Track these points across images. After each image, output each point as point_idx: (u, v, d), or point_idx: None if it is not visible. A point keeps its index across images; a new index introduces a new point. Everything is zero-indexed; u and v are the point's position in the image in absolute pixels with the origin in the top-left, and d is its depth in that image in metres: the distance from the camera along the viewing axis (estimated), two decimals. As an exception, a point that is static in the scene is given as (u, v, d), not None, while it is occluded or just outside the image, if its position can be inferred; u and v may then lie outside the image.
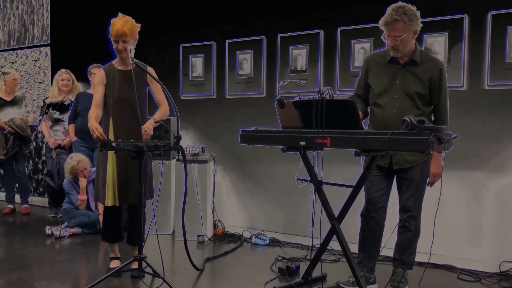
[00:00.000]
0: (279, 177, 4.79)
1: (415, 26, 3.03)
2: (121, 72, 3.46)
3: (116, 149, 3.10)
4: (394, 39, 3.02)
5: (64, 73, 5.81)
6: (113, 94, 3.44)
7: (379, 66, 3.24)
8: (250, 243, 4.73)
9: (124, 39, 3.33)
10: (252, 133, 3.04)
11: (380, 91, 3.20)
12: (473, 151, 3.87)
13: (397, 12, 2.98)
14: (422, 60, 3.12)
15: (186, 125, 5.35)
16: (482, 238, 3.89)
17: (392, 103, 3.15)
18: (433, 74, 3.08)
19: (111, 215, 3.60)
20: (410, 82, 3.11)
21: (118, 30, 3.30)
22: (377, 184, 3.22)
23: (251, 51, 4.97)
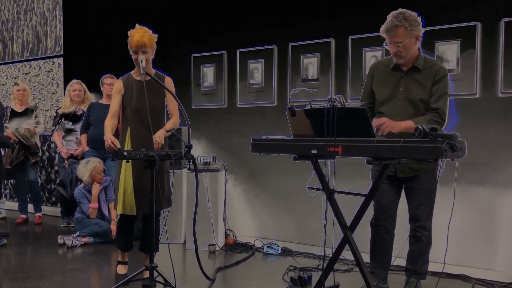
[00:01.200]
0: (291, 186, 4.76)
1: (416, 32, 3.02)
2: (139, 82, 3.46)
3: (127, 158, 3.11)
4: (396, 45, 3.01)
5: (75, 84, 5.86)
6: (131, 104, 3.47)
7: (383, 74, 3.23)
8: (261, 252, 4.70)
9: (143, 50, 3.38)
10: (263, 141, 3.02)
11: (384, 99, 3.19)
12: (487, 160, 3.82)
13: (398, 18, 2.98)
14: (425, 66, 3.10)
15: (198, 134, 5.36)
16: (497, 247, 3.83)
17: (395, 111, 3.13)
18: (435, 80, 3.05)
19: (125, 223, 3.62)
20: (413, 89, 3.09)
21: (138, 41, 3.34)
22: (385, 192, 3.19)
23: (262, 60, 4.98)
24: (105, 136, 3.28)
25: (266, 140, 3.02)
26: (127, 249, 3.72)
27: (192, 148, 3.20)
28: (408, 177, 3.16)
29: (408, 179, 3.18)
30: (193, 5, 5.46)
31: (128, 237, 3.67)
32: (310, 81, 4.69)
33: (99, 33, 6.34)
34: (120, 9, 6.03)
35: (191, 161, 3.30)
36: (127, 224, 3.63)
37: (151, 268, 3.31)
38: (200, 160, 4.79)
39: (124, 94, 3.49)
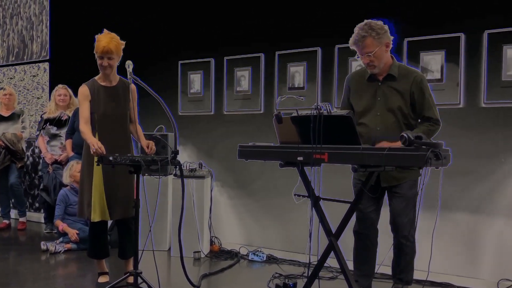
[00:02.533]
0: (277, 193, 4.77)
1: (384, 39, 3.04)
2: (105, 88, 3.48)
3: (113, 164, 3.10)
4: (367, 56, 3.03)
5: (61, 89, 5.82)
6: (98, 110, 3.45)
7: (359, 85, 3.24)
8: (247, 260, 4.69)
9: (109, 56, 3.38)
10: (250, 148, 3.04)
11: (363, 110, 3.20)
12: (470, 168, 3.87)
13: (363, 29, 3.01)
14: (401, 73, 3.11)
15: (184, 141, 5.35)
16: (480, 256, 3.87)
17: (375, 120, 3.13)
18: (412, 86, 3.07)
19: (98, 231, 3.58)
20: (391, 97, 3.10)
21: (104, 47, 3.34)
22: (367, 200, 3.19)
23: (250, 68, 5.00)
24: (90, 141, 3.25)
25: (253, 147, 3.03)
26: (102, 256, 3.69)
27: (178, 154, 3.19)
28: (390, 186, 3.17)
29: (390, 188, 3.18)
30: (181, 12, 5.47)
31: (101, 244, 3.63)
32: (297, 89, 4.72)
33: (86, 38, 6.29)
34: (108, 15, 6.02)
35: (177, 167, 3.29)
36: (101, 231, 3.60)
37: (135, 274, 3.28)
38: (186, 167, 4.78)
39: (91, 99, 3.45)
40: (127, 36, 3.86)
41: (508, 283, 3.64)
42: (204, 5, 5.32)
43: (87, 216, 3.46)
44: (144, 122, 4.20)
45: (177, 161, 3.21)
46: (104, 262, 3.75)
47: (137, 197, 3.27)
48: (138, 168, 3.20)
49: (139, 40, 5.59)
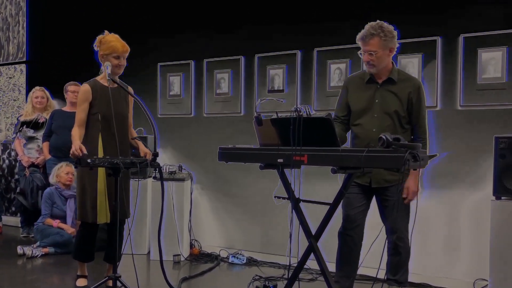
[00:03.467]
0: (258, 195, 4.78)
1: (391, 44, 3.09)
2: (108, 88, 3.41)
3: (91, 166, 3.06)
4: (369, 54, 3.07)
5: (38, 91, 5.74)
6: (101, 110, 3.41)
7: (358, 87, 3.28)
8: (227, 262, 4.68)
9: (125, 56, 3.44)
10: (230, 150, 3.03)
11: (360, 110, 3.24)
12: (447, 170, 3.93)
13: (374, 28, 3.06)
14: (400, 78, 3.17)
15: (164, 143, 5.33)
16: (456, 256, 3.93)
17: (371, 122, 3.18)
18: (411, 92, 3.13)
19: (91, 234, 3.55)
20: (389, 101, 3.16)
21: (123, 46, 3.42)
22: (355, 201, 3.23)
23: (229, 70, 5.00)
24: (74, 144, 3.20)
25: (233, 149, 3.03)
26: (88, 260, 3.65)
27: (158, 156, 3.18)
28: (381, 188, 3.20)
29: (381, 191, 3.21)
30: (160, 13, 5.45)
31: (91, 247, 3.60)
32: (277, 91, 4.73)
33: (64, 40, 6.24)
34: (86, 16, 5.96)
35: (157, 169, 3.27)
36: (92, 233, 3.56)
37: (114, 279, 3.25)
38: (166, 169, 4.75)
39: (92, 100, 3.42)
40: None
41: (483, 282, 3.70)
42: (184, 8, 5.31)
43: (92, 219, 3.41)
44: (123, 124, 4.16)
45: (156, 163, 3.20)
46: (85, 265, 3.71)
47: (116, 201, 3.24)
48: (116, 170, 3.17)
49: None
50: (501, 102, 3.77)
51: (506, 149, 3.31)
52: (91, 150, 3.32)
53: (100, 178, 3.40)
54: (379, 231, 3.22)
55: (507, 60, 3.75)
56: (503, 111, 3.77)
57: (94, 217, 3.40)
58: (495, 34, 3.79)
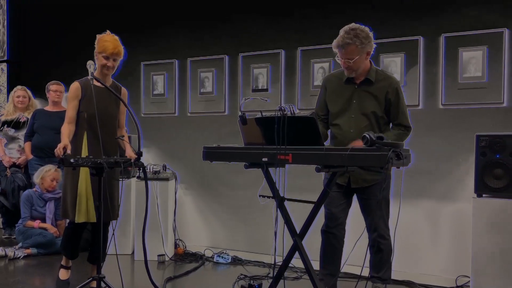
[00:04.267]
0: (242, 195, 4.78)
1: (367, 48, 3.07)
2: (98, 87, 3.43)
3: (74, 166, 3.04)
4: (347, 61, 3.07)
5: (19, 90, 5.67)
6: (89, 109, 3.40)
7: (336, 86, 3.28)
8: (212, 262, 4.68)
9: (115, 58, 3.42)
10: (215, 150, 3.03)
11: (338, 111, 3.25)
12: (430, 168, 3.98)
13: (349, 35, 3.01)
14: (378, 78, 3.17)
15: (147, 143, 5.29)
16: (439, 253, 3.98)
17: (349, 122, 3.19)
18: (388, 92, 3.14)
19: (77, 232, 3.54)
20: (366, 101, 3.17)
21: (114, 48, 3.40)
22: (336, 200, 3.25)
23: (213, 69, 4.99)
24: (61, 142, 3.22)
25: (218, 148, 3.03)
26: (72, 257, 3.65)
27: (142, 156, 3.16)
28: (361, 188, 3.23)
29: (361, 190, 3.24)
30: (143, 12, 5.42)
31: (76, 245, 3.60)
32: (261, 91, 4.74)
33: (46, 39, 6.17)
34: (68, 15, 5.90)
35: (141, 169, 3.26)
36: (78, 232, 3.56)
37: (98, 279, 3.23)
38: (150, 169, 4.73)
39: (82, 98, 3.43)
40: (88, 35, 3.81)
41: (465, 279, 3.75)
42: (167, 6, 5.28)
43: (71, 217, 3.41)
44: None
45: (140, 163, 3.18)
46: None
47: (99, 201, 3.21)
48: (100, 170, 3.14)
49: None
50: (482, 101, 3.82)
51: (487, 147, 3.36)
52: (75, 149, 3.33)
53: (82, 177, 3.39)
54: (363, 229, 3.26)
55: (487, 59, 3.81)
56: (484, 109, 3.83)
57: (73, 215, 3.40)
58: (475, 33, 3.85)
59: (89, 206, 3.39)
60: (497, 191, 3.32)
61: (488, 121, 3.79)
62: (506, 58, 3.75)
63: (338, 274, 3.40)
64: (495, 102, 3.78)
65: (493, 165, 3.33)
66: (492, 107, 3.81)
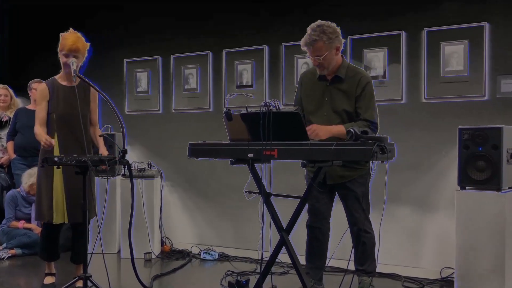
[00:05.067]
0: (228, 191, 4.78)
1: (335, 43, 3.07)
2: (65, 87, 3.43)
3: (58, 164, 3.02)
4: (317, 58, 3.07)
5: (1, 89, 5.58)
6: (56, 110, 3.40)
7: (310, 84, 3.29)
8: (199, 259, 4.67)
9: (75, 55, 3.35)
10: (200, 146, 3.03)
11: (311, 109, 3.26)
12: (413, 162, 4.02)
13: (316, 32, 3.03)
14: (348, 75, 3.16)
15: (132, 140, 5.26)
16: (423, 246, 4.03)
17: (322, 120, 3.18)
18: (357, 88, 3.12)
19: (54, 233, 3.51)
20: (337, 99, 3.16)
21: (72, 45, 3.32)
22: (318, 194, 3.26)
23: (197, 66, 4.98)
24: (40, 137, 3.24)
25: (204, 145, 3.03)
26: (52, 259, 3.63)
27: (127, 153, 3.14)
28: (338, 184, 3.24)
29: (338, 186, 3.26)
30: (126, 8, 5.38)
31: (54, 246, 3.59)
32: (245, 87, 4.74)
33: (27, 36, 6.08)
34: (49, 12, 5.82)
35: (126, 167, 3.24)
36: (54, 232, 3.54)
37: (85, 278, 3.21)
38: (135, 167, 4.70)
39: (50, 99, 3.42)
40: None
41: (450, 270, 3.80)
42: (150, 2, 5.25)
43: (48, 219, 3.39)
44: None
45: (125, 160, 3.16)
46: (52, 263, 3.69)
47: (84, 199, 3.19)
48: (85, 169, 3.12)
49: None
50: (464, 95, 3.87)
51: (469, 140, 3.40)
52: (48, 150, 3.32)
53: (56, 178, 3.38)
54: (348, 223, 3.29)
55: (468, 53, 3.86)
56: (466, 103, 3.88)
57: (50, 217, 3.39)
58: (456, 28, 3.89)
59: (64, 206, 3.39)
60: (480, 183, 3.37)
61: (470, 114, 3.84)
62: (486, 51, 3.80)
63: (324, 267, 3.43)
64: (476, 95, 3.83)
65: (476, 157, 3.38)
66: (474, 101, 3.85)
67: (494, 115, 3.75)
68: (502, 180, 3.31)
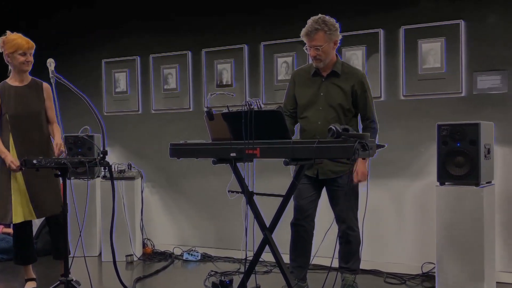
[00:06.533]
0: (210, 191, 4.76)
1: (335, 37, 3.16)
2: (16, 87, 3.45)
3: (37, 167, 2.98)
4: (316, 49, 3.13)
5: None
6: (9, 110, 3.41)
7: (304, 80, 3.34)
8: (181, 260, 4.65)
9: (31, 52, 3.42)
10: (182, 146, 3.00)
11: (306, 103, 3.30)
12: (393, 159, 4.05)
13: (317, 22, 3.12)
14: (344, 71, 3.24)
15: (111, 142, 5.19)
16: (404, 242, 4.07)
17: (317, 115, 3.24)
18: (354, 85, 3.21)
19: (23, 234, 3.50)
20: (333, 94, 3.23)
21: (28, 42, 3.40)
22: (305, 192, 3.29)
23: (177, 65, 4.95)
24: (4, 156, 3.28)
25: (185, 145, 3.00)
26: (28, 262, 3.59)
27: (107, 155, 3.11)
28: (329, 179, 3.27)
29: (329, 182, 3.29)
30: (103, 8, 5.31)
31: (28, 247, 3.56)
32: (225, 86, 4.73)
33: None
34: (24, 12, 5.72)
35: (106, 168, 3.21)
36: (26, 234, 3.53)
37: (66, 282, 3.16)
38: (115, 168, 4.65)
39: (1, 101, 3.43)
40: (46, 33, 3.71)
41: (430, 265, 3.85)
42: (127, 2, 5.19)
43: (9, 220, 3.37)
44: (67, 123, 4.04)
45: (106, 162, 3.13)
46: (31, 268, 3.64)
47: (64, 202, 3.15)
48: (64, 171, 3.08)
49: (60, 38, 5.38)
50: (442, 91, 3.93)
51: (448, 136, 3.45)
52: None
53: (13, 176, 3.36)
54: (332, 221, 3.30)
55: (445, 50, 3.91)
56: (444, 99, 3.93)
57: (10, 218, 3.36)
58: (433, 25, 3.94)
59: (24, 204, 3.38)
60: (459, 179, 3.42)
61: (448, 111, 3.90)
62: (463, 49, 3.86)
63: (308, 266, 3.45)
64: (454, 92, 3.89)
65: (454, 153, 3.42)
66: (451, 97, 3.91)
67: (471, 111, 3.81)
68: (480, 175, 3.36)
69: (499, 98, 3.77)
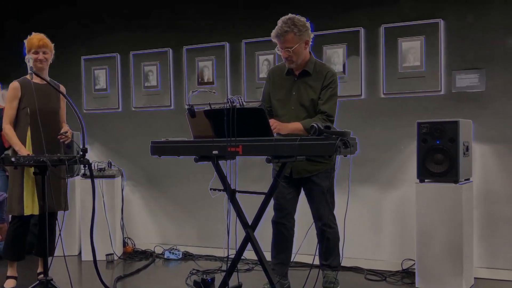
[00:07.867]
0: (192, 189, 4.74)
1: (305, 37, 3.15)
2: (38, 84, 3.47)
3: (15, 165, 2.93)
4: (287, 50, 3.13)
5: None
6: (30, 105, 3.43)
7: (279, 79, 3.34)
8: (162, 258, 4.62)
9: (44, 50, 3.47)
10: (163, 144, 2.98)
11: (279, 103, 3.31)
12: (373, 156, 4.09)
13: (287, 24, 3.10)
14: (316, 70, 3.24)
15: (91, 140, 5.14)
16: (384, 238, 4.12)
17: (289, 114, 3.25)
18: (323, 82, 3.20)
19: (21, 228, 3.47)
20: (304, 93, 3.23)
21: (40, 40, 3.47)
22: (284, 190, 3.29)
23: (157, 63, 4.91)
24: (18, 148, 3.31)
25: (167, 143, 2.98)
26: (18, 258, 3.56)
27: (87, 152, 3.07)
28: (304, 178, 3.28)
29: (304, 180, 3.30)
30: (82, 5, 5.25)
31: (22, 243, 3.54)
32: (207, 84, 4.71)
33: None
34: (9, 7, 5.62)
35: (87, 166, 3.17)
36: (22, 228, 3.49)
37: (46, 282, 3.12)
38: (95, 166, 4.60)
39: (22, 96, 3.45)
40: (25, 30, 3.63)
41: (410, 262, 3.89)
42: (106, -1, 5.15)
43: (18, 212, 3.37)
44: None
45: (86, 160, 3.09)
46: (15, 266, 3.60)
47: (43, 201, 3.10)
48: (43, 169, 3.03)
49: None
50: (421, 89, 3.97)
51: (427, 133, 3.49)
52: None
53: (28, 170, 3.35)
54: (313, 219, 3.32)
55: (424, 49, 3.96)
56: (424, 97, 3.98)
57: (21, 209, 3.37)
58: (413, 24, 3.98)
59: (34, 199, 3.38)
60: (438, 176, 3.47)
61: (427, 109, 3.94)
62: (442, 47, 3.91)
63: (289, 263, 3.46)
64: (433, 90, 3.93)
65: (434, 150, 3.47)
66: (430, 95, 3.96)
67: (450, 109, 3.86)
68: (459, 172, 3.41)
69: (477, 96, 3.83)
